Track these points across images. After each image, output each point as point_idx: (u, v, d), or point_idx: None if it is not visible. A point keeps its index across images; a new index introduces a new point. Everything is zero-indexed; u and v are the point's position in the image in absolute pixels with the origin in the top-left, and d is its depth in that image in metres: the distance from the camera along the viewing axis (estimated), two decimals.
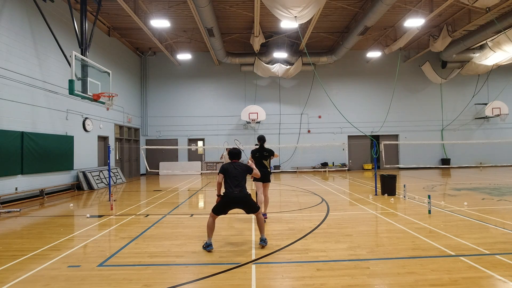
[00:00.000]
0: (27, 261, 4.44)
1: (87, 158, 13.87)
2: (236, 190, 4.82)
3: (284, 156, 20.63)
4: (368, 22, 13.76)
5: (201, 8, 12.25)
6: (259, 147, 6.72)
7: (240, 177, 4.94)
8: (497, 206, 7.72)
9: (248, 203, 4.92)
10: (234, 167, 5.03)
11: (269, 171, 6.76)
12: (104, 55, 15.51)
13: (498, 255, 4.29)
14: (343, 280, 3.61)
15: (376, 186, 9.94)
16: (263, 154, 6.65)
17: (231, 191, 4.82)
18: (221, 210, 4.92)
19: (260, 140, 6.79)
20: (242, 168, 5.09)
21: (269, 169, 6.77)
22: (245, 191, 4.91)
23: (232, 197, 4.81)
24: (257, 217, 5.03)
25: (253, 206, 4.97)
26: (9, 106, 9.60)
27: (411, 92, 21.22)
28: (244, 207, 4.93)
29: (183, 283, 3.65)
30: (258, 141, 6.79)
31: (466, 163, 20.78)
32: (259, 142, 6.78)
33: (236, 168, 5.03)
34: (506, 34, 15.16)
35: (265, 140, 6.86)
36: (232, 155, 5.26)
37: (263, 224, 5.01)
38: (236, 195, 4.80)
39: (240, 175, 4.96)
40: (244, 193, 4.88)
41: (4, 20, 9.58)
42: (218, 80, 20.84)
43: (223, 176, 4.96)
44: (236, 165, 5.09)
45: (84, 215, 7.61)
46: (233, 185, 4.85)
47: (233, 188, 4.83)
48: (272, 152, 6.77)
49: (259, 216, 5.01)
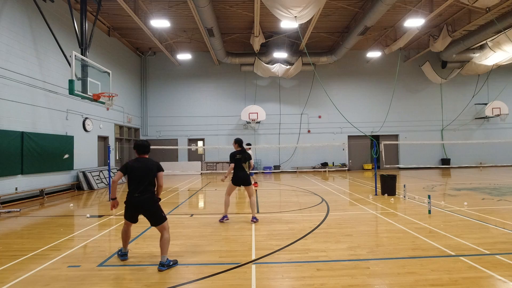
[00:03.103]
0: (27, 261, 4.44)
1: (87, 158, 13.87)
2: (137, 193, 4.06)
3: (284, 156, 20.63)
4: (368, 22, 13.76)
5: (201, 8, 12.25)
6: (241, 150, 6.68)
7: (144, 177, 4.11)
8: (497, 206, 7.72)
9: (149, 211, 4.10)
10: (142, 164, 4.19)
11: (248, 174, 6.73)
12: (104, 55, 15.51)
13: (498, 255, 4.29)
14: (343, 280, 3.61)
15: (376, 186, 9.94)
16: (244, 156, 6.62)
17: (131, 194, 4.08)
18: (128, 215, 4.19)
19: (240, 142, 6.76)
20: (150, 166, 4.21)
21: (248, 172, 6.75)
22: (147, 195, 4.09)
23: (131, 201, 4.09)
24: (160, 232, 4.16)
25: (155, 215, 4.12)
26: (9, 106, 9.60)
27: (411, 92, 21.21)
28: (145, 215, 4.12)
29: (183, 283, 3.65)
30: (239, 144, 6.71)
31: (466, 163, 20.78)
32: (239, 144, 6.71)
33: (144, 165, 4.19)
34: (506, 34, 15.16)
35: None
36: (139, 147, 4.33)
37: (166, 244, 4.12)
38: (136, 198, 4.05)
39: (145, 175, 4.12)
40: (146, 197, 4.08)
41: (4, 20, 9.58)
42: (218, 80, 20.84)
43: (121, 175, 4.13)
44: (142, 161, 4.24)
45: (84, 215, 7.62)
46: (134, 187, 4.08)
47: (134, 190, 4.07)
48: (250, 157, 6.81)
49: (163, 232, 4.15)
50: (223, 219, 6.69)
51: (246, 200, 9.43)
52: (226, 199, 6.74)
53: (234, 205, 8.59)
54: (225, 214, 6.73)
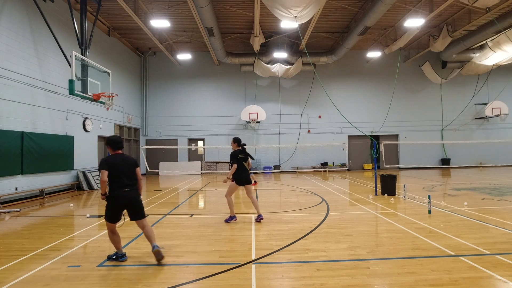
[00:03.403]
0: (27, 261, 4.44)
1: (87, 158, 13.87)
2: (126, 189, 4.15)
3: (284, 156, 20.63)
4: (368, 22, 13.76)
5: (201, 8, 12.25)
6: (242, 149, 6.64)
7: (130, 172, 4.22)
8: (497, 206, 7.72)
9: (136, 206, 4.24)
10: (122, 160, 4.25)
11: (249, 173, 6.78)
12: (104, 55, 15.51)
13: (498, 255, 4.29)
14: (343, 280, 3.61)
15: (376, 186, 9.93)
16: (246, 156, 6.62)
17: (119, 190, 4.13)
18: (112, 214, 4.21)
19: (239, 141, 6.71)
20: (131, 161, 4.34)
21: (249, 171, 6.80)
22: (135, 190, 4.23)
23: (121, 197, 4.14)
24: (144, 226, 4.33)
25: (140, 209, 4.28)
26: (9, 106, 9.60)
27: (411, 92, 21.21)
28: (131, 209, 4.23)
29: (183, 283, 3.65)
30: (239, 143, 6.66)
31: (466, 163, 20.78)
32: (238, 143, 6.66)
33: (124, 161, 4.26)
34: (506, 34, 15.16)
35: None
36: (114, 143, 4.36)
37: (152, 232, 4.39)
38: (125, 193, 4.14)
39: (130, 170, 4.23)
40: (135, 192, 4.22)
41: (4, 20, 9.58)
42: (218, 80, 20.84)
43: (107, 173, 4.15)
44: (123, 157, 4.32)
45: (84, 215, 7.61)
46: (121, 183, 4.15)
47: (121, 186, 4.14)
48: (250, 155, 6.86)
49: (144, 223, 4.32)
50: (231, 219, 6.56)
51: (245, 200, 9.43)
52: (230, 200, 6.60)
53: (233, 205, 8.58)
54: (233, 215, 6.61)
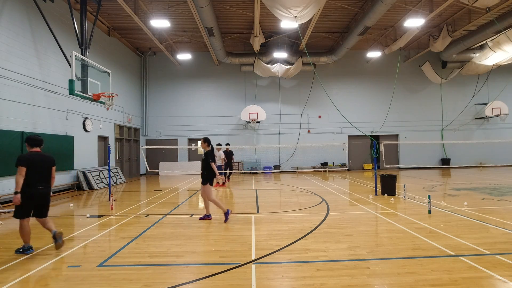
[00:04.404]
0: (27, 261, 4.44)
1: (87, 158, 13.87)
2: (41, 186, 4.24)
3: (284, 156, 20.63)
4: (368, 22, 13.76)
5: (201, 8, 12.25)
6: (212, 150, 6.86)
7: (46, 170, 4.32)
8: (497, 206, 7.72)
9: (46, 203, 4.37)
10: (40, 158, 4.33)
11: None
12: (104, 55, 15.51)
13: (498, 255, 4.29)
14: (343, 280, 3.61)
15: (376, 186, 9.94)
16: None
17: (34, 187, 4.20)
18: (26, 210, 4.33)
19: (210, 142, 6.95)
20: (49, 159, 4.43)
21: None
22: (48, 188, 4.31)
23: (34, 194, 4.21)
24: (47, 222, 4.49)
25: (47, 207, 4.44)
26: (9, 106, 9.60)
27: (411, 92, 21.21)
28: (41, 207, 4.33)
29: (183, 283, 3.65)
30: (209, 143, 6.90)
31: (466, 163, 20.78)
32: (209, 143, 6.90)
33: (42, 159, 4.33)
34: (506, 34, 15.16)
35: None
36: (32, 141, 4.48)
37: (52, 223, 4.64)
38: (40, 191, 4.22)
39: (47, 168, 4.34)
40: (48, 190, 4.31)
41: (4, 20, 9.58)
42: (218, 80, 20.84)
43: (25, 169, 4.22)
44: (41, 155, 4.40)
45: (84, 215, 7.61)
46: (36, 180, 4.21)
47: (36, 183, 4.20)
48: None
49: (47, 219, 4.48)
50: (227, 215, 6.58)
51: (245, 200, 9.44)
52: (214, 200, 6.71)
53: (233, 205, 8.59)
54: (225, 210, 6.63)
